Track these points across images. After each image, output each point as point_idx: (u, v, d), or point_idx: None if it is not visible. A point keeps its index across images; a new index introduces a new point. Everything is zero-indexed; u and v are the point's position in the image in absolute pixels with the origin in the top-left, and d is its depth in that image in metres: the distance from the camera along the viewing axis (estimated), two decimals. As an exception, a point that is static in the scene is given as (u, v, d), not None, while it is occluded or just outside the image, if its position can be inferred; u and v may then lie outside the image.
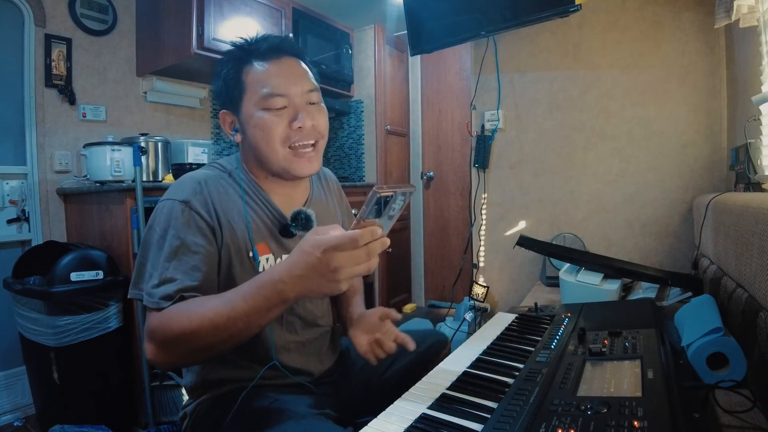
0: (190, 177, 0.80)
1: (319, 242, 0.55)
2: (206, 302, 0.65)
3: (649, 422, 0.48)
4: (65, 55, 1.99)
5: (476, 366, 0.76)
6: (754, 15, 1.20)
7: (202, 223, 0.75)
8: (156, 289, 0.69)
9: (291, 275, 0.57)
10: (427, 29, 1.88)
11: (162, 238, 0.73)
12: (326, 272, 0.55)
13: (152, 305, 0.68)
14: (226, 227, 0.77)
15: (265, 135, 0.78)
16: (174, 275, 0.69)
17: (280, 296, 0.58)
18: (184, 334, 0.63)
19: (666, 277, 1.26)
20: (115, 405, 1.65)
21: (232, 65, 0.81)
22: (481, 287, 2.08)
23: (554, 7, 1.52)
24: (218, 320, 0.61)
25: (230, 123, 0.84)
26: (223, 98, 0.83)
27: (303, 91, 0.80)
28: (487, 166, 2.12)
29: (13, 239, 1.87)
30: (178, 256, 0.71)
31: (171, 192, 0.78)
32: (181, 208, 0.74)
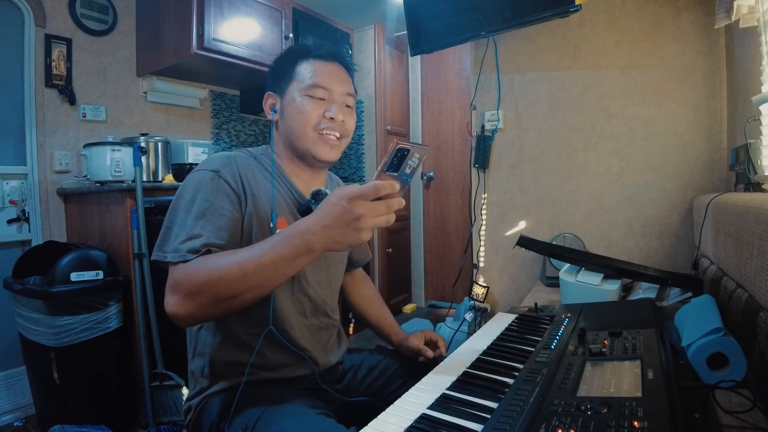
0: (221, 154, 0.88)
1: (344, 193, 0.60)
2: (234, 253, 0.69)
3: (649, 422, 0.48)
4: (65, 55, 1.99)
5: (476, 366, 0.76)
6: (754, 15, 1.20)
7: (229, 191, 0.81)
8: (183, 245, 0.73)
9: (318, 225, 0.61)
10: (427, 29, 1.88)
11: (191, 202, 0.78)
12: (351, 221, 0.59)
13: (178, 258, 0.71)
14: (250, 198, 0.83)
15: (301, 117, 0.86)
16: (201, 232, 0.74)
17: (307, 245, 0.62)
18: (212, 280, 0.66)
19: (666, 277, 1.26)
20: (115, 405, 1.65)
21: (291, 56, 0.91)
22: (481, 287, 2.08)
23: (554, 7, 1.52)
24: (247, 266, 0.65)
25: (271, 104, 0.93)
26: (272, 81, 0.92)
27: (343, 92, 0.90)
28: (487, 166, 2.12)
29: (13, 239, 1.87)
30: (205, 216, 0.76)
31: (201, 165, 0.85)
32: (211, 176, 0.80)
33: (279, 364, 0.85)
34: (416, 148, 0.62)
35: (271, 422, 0.71)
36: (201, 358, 0.86)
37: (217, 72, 2.39)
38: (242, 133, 2.84)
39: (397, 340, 1.05)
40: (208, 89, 2.61)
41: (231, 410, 0.76)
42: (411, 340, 1.01)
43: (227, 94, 2.73)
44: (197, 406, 0.84)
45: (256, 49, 2.30)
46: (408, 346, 1.01)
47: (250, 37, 2.28)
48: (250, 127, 2.88)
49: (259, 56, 2.32)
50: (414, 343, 1.00)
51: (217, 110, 2.68)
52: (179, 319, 0.70)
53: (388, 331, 1.08)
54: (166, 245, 0.76)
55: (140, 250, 1.62)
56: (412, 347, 1.00)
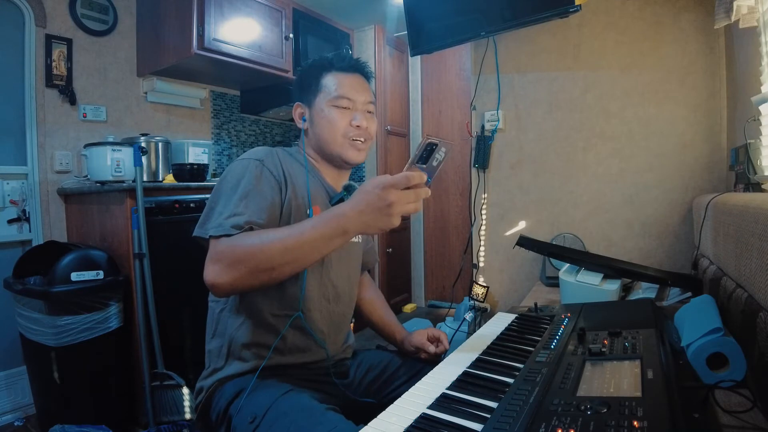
0: (262, 147, 0.96)
1: (378, 181, 0.66)
2: (275, 230, 0.76)
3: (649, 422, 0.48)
4: (66, 56, 1.99)
5: (476, 366, 0.76)
6: (754, 15, 1.20)
7: (271, 178, 0.88)
8: (227, 220, 0.78)
9: (354, 210, 0.68)
10: (427, 30, 1.88)
11: (236, 185, 0.84)
12: (383, 207, 0.65)
13: (222, 232, 0.77)
14: (290, 187, 0.91)
15: (331, 127, 0.96)
16: (245, 211, 0.80)
17: (343, 227, 0.69)
18: (254, 252, 0.73)
19: (666, 277, 1.26)
20: (115, 405, 1.65)
21: (316, 69, 0.99)
22: (481, 287, 2.08)
23: (554, 7, 1.52)
24: (288, 241, 0.72)
25: (300, 113, 1.01)
26: (300, 93, 1.01)
27: (365, 101, 0.99)
28: (487, 166, 2.12)
29: (13, 239, 1.87)
30: (249, 197, 0.83)
31: (246, 155, 0.92)
32: (256, 164, 0.88)
33: (296, 348, 0.90)
34: (444, 142, 0.68)
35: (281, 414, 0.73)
36: (221, 338, 0.91)
37: (218, 72, 2.39)
38: (242, 133, 2.84)
39: (400, 338, 1.09)
40: (209, 89, 2.61)
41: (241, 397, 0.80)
42: (413, 337, 1.06)
43: (227, 94, 2.73)
44: (209, 387, 0.88)
45: (256, 50, 2.30)
46: (411, 343, 1.05)
47: (251, 37, 2.28)
48: (250, 128, 2.88)
49: (260, 56, 2.32)
50: (416, 339, 1.04)
51: (218, 110, 2.68)
52: (218, 288, 0.75)
53: (392, 330, 1.12)
54: (208, 222, 0.81)
55: (140, 250, 1.61)
56: (415, 344, 1.04)
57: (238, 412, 0.78)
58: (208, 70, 2.33)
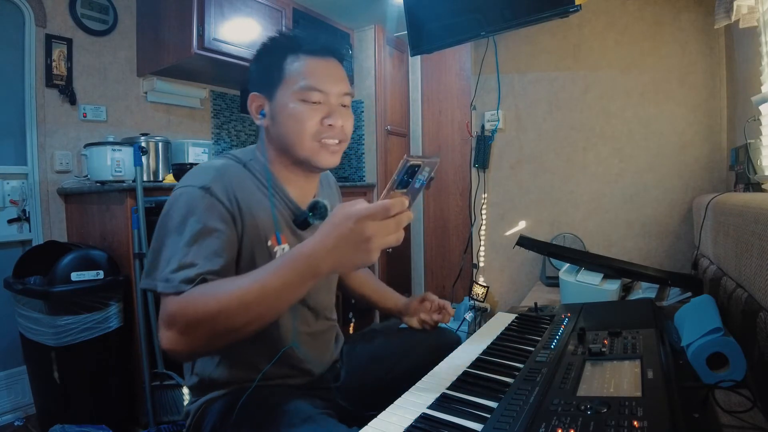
0: (208, 164, 0.80)
1: (350, 213, 0.56)
2: (232, 281, 0.64)
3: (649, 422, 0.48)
4: (66, 55, 1.99)
5: (476, 366, 0.76)
6: (754, 15, 1.20)
7: (222, 209, 0.74)
8: (175, 274, 0.66)
9: (324, 247, 0.57)
10: (427, 30, 1.88)
11: (181, 224, 0.71)
12: (359, 242, 0.56)
13: (171, 290, 0.66)
14: (246, 214, 0.77)
15: (298, 126, 0.79)
16: (195, 260, 0.68)
17: (313, 270, 0.58)
18: (210, 314, 0.61)
19: (666, 277, 1.26)
20: (115, 405, 1.65)
21: (277, 52, 0.82)
22: (481, 287, 2.08)
23: (554, 7, 1.52)
24: (248, 297, 0.60)
25: (258, 106, 0.85)
26: (258, 81, 0.84)
27: (340, 92, 0.82)
28: (487, 166, 2.12)
29: (13, 239, 1.87)
30: (198, 240, 0.70)
31: (188, 179, 0.76)
32: (201, 194, 0.73)
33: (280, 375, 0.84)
34: (427, 161, 0.60)
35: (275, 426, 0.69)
36: (199, 376, 0.83)
37: (218, 72, 2.39)
38: (242, 133, 2.84)
39: (397, 310, 1.07)
40: (209, 89, 2.61)
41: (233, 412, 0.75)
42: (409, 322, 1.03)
43: (227, 94, 2.73)
44: (196, 410, 0.82)
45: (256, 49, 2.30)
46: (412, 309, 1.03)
47: (251, 37, 2.28)
48: (250, 127, 2.88)
49: (260, 56, 2.31)
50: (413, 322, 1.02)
51: (218, 110, 2.68)
52: (177, 356, 0.65)
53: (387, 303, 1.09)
54: (156, 272, 0.70)
55: (140, 250, 1.61)
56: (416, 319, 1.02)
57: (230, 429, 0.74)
58: (208, 70, 2.33)
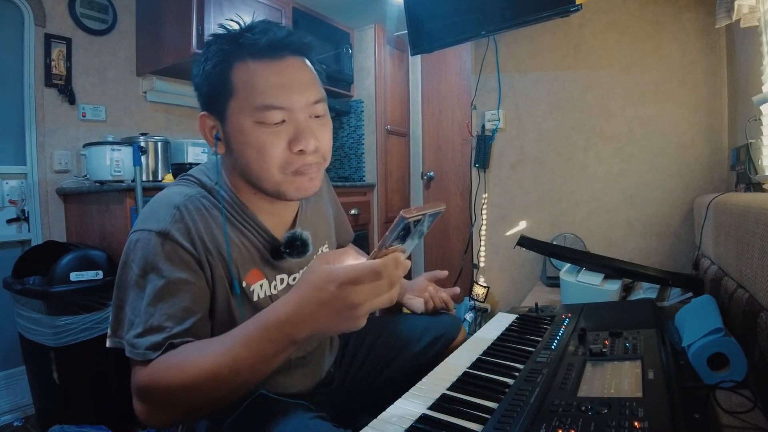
0: (166, 201, 0.66)
1: (332, 276, 0.48)
2: (203, 350, 0.56)
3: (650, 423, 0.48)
4: (65, 55, 1.99)
5: (476, 366, 0.76)
6: (755, 15, 1.20)
7: (186, 256, 0.63)
8: (140, 339, 0.59)
9: (300, 314, 0.50)
10: (427, 29, 1.88)
11: (141, 278, 0.61)
12: (343, 309, 0.48)
13: (137, 357, 0.58)
14: (214, 255, 0.66)
15: (259, 157, 0.65)
16: (161, 322, 0.59)
17: (288, 339, 0.51)
18: (181, 389, 0.54)
19: (667, 277, 1.26)
20: (115, 405, 1.65)
21: (219, 59, 0.66)
22: (481, 287, 2.08)
23: (555, 7, 1.52)
24: (220, 372, 0.53)
25: (211, 128, 0.69)
26: (204, 98, 0.69)
27: (308, 102, 0.66)
28: (487, 166, 2.12)
29: (12, 239, 1.87)
30: (163, 298, 0.60)
31: (145, 221, 0.65)
32: (160, 240, 0.62)
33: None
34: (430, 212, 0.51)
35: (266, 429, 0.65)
36: None
37: (217, 72, 2.39)
38: (242, 132, 2.84)
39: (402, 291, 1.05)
40: (208, 89, 2.60)
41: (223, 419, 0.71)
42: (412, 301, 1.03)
43: (227, 93, 2.72)
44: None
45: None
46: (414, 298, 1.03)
47: (250, 36, 2.27)
48: (250, 127, 2.88)
49: (259, 56, 2.31)
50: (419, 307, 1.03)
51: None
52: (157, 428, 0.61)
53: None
54: (121, 330, 0.63)
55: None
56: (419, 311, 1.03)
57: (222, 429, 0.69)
58: (208, 69, 2.32)
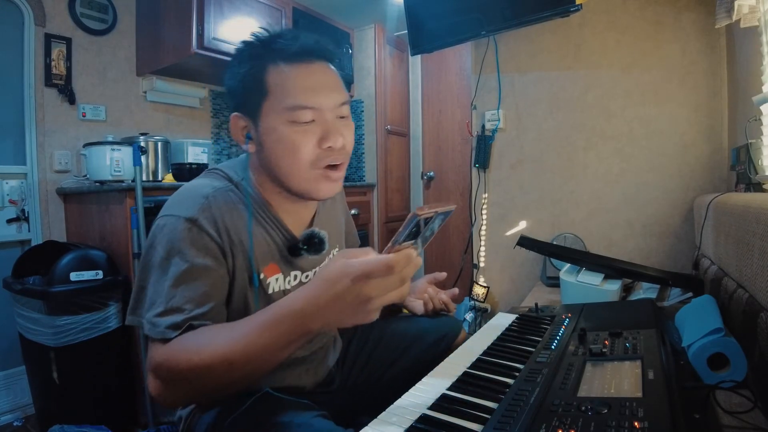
0: (195, 191, 0.71)
1: (347, 270, 0.50)
2: (218, 335, 0.59)
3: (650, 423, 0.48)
4: (65, 55, 1.99)
5: (476, 366, 0.76)
6: (755, 15, 1.20)
7: (211, 244, 0.66)
8: (161, 319, 0.61)
9: (315, 306, 0.52)
10: (427, 29, 1.88)
11: (166, 260, 0.65)
12: (357, 302, 0.51)
13: (156, 335, 0.61)
14: (237, 246, 0.70)
15: (291, 154, 0.69)
16: (181, 303, 0.62)
17: (302, 329, 0.54)
18: (194, 371, 0.56)
19: (667, 277, 1.26)
20: (115, 405, 1.65)
21: (253, 63, 0.70)
22: (481, 287, 2.08)
23: (555, 7, 1.52)
24: (232, 357, 0.55)
25: (243, 128, 0.74)
26: (238, 100, 0.73)
27: (335, 104, 0.71)
28: (487, 166, 2.12)
29: (12, 239, 1.87)
30: (185, 281, 0.63)
31: (173, 207, 0.68)
32: (188, 226, 0.65)
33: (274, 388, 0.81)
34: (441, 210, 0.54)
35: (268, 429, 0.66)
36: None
37: (217, 71, 2.38)
38: (242, 132, 2.83)
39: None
40: (208, 89, 2.60)
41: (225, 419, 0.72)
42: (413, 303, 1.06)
43: (227, 93, 2.72)
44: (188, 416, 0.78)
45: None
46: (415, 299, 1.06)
47: (250, 36, 2.27)
48: (250, 127, 2.88)
49: (259, 56, 2.31)
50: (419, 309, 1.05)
51: (217, 110, 2.67)
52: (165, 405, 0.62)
53: None
54: (141, 309, 0.65)
55: (140, 250, 1.61)
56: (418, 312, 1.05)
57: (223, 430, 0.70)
58: (208, 69, 2.32)
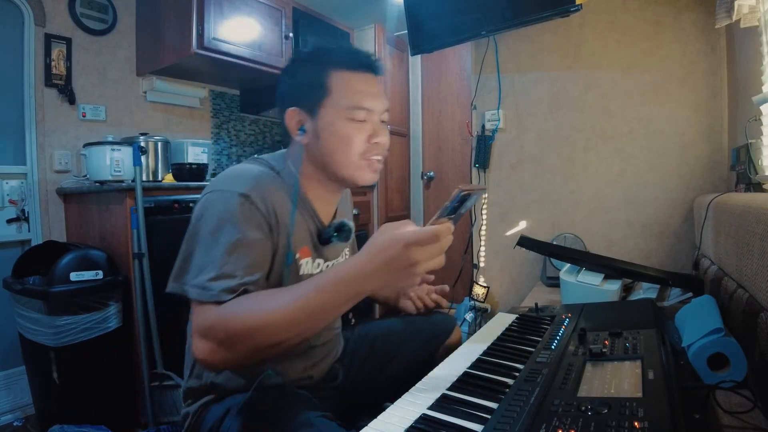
0: (245, 171, 0.78)
1: (399, 237, 0.57)
2: (275, 296, 0.64)
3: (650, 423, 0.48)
4: (65, 55, 1.99)
5: (476, 366, 0.76)
6: (755, 15, 1.20)
7: (260, 219, 0.73)
8: (213, 283, 0.65)
9: (369, 270, 0.59)
10: (427, 29, 1.88)
11: (217, 230, 0.69)
12: (405, 266, 0.57)
13: (210, 298, 0.65)
14: (280, 226, 0.76)
15: (345, 145, 0.79)
16: (233, 270, 0.67)
17: (356, 290, 0.60)
18: (253, 329, 0.61)
19: (667, 277, 1.26)
20: (115, 405, 1.65)
21: (319, 66, 0.80)
22: (481, 287, 2.08)
23: (555, 7, 1.52)
24: (294, 312, 0.60)
25: (298, 122, 0.82)
26: (297, 97, 0.82)
27: (382, 109, 0.82)
28: (487, 166, 2.12)
29: (12, 239, 1.87)
30: (237, 250, 0.68)
31: (225, 184, 0.74)
32: (241, 201, 0.71)
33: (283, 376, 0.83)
34: (476, 191, 0.63)
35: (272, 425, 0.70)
36: (198, 379, 0.82)
37: (217, 71, 2.39)
38: (242, 132, 2.83)
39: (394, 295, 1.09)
40: (208, 89, 2.60)
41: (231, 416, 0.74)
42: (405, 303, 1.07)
43: (227, 93, 2.72)
44: (195, 413, 0.81)
45: (256, 49, 2.30)
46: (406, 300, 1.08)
47: (250, 36, 2.27)
48: (249, 127, 2.88)
49: (259, 56, 2.31)
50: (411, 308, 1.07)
51: (217, 110, 2.67)
52: (211, 367, 0.66)
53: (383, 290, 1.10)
54: (186, 276, 0.69)
55: (140, 250, 1.61)
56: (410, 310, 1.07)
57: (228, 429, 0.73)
58: (208, 69, 2.32)
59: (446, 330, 1.05)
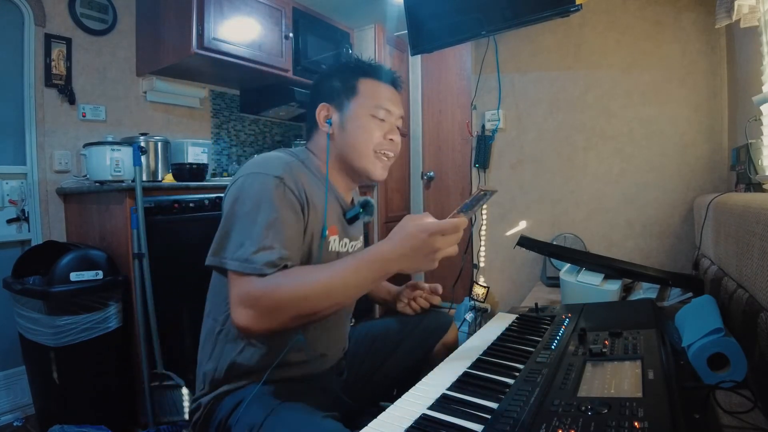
0: (276, 158, 0.86)
1: (425, 226, 0.67)
2: (315, 271, 0.73)
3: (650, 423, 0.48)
4: (65, 55, 1.99)
5: (476, 366, 0.76)
6: (755, 15, 1.20)
7: (294, 200, 0.80)
8: (255, 256, 0.72)
9: (398, 253, 0.69)
10: (427, 29, 1.88)
11: (255, 210, 0.76)
12: (428, 252, 0.67)
13: (253, 271, 0.71)
14: (310, 207, 0.84)
15: (366, 136, 0.91)
16: (272, 244, 0.74)
17: (385, 270, 0.70)
18: (297, 297, 0.70)
19: (667, 277, 1.26)
20: (115, 405, 1.65)
21: (353, 72, 0.95)
22: (481, 287, 2.08)
23: (555, 6, 1.51)
24: (332, 285, 0.70)
25: (325, 116, 0.94)
26: (329, 94, 0.94)
27: (399, 114, 0.97)
28: (487, 166, 2.12)
29: (12, 239, 1.87)
30: (275, 227, 0.75)
31: (259, 167, 0.81)
32: (276, 182, 0.78)
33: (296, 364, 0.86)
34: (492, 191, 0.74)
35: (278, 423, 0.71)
36: (216, 362, 0.85)
37: (217, 72, 2.39)
38: (242, 132, 2.83)
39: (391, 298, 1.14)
40: (208, 89, 2.60)
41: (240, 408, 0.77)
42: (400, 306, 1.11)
43: (227, 93, 2.72)
44: (207, 403, 0.83)
45: (256, 49, 2.30)
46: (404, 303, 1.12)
47: (250, 36, 2.27)
48: (249, 127, 2.88)
49: (259, 56, 2.31)
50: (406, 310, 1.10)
51: (217, 110, 2.67)
52: (253, 333, 0.72)
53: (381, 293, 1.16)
54: (225, 251, 0.75)
55: (140, 250, 1.61)
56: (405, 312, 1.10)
57: (237, 423, 0.75)
58: (208, 69, 2.32)
59: (442, 326, 1.08)
